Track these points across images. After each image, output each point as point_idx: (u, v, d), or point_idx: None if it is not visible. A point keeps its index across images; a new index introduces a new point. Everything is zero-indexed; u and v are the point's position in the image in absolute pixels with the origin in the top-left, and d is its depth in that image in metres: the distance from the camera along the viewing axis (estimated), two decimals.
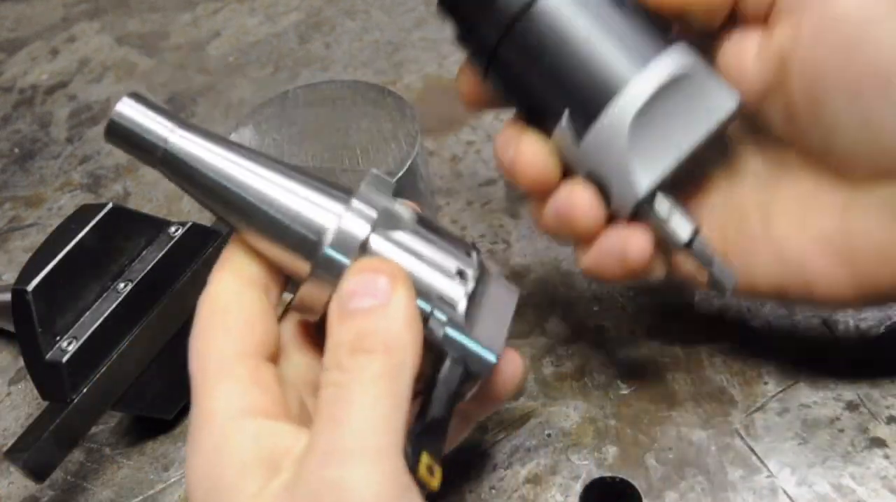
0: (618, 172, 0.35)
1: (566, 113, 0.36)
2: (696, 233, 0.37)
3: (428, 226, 0.34)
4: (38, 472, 0.39)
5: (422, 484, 0.30)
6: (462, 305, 0.33)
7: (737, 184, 0.39)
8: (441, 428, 0.31)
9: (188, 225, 0.44)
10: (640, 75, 0.35)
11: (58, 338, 0.40)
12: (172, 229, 0.44)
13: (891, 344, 0.44)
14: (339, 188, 0.34)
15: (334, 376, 0.30)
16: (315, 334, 0.36)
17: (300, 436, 0.30)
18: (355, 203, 0.33)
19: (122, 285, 0.42)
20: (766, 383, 0.44)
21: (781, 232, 0.38)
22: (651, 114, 0.35)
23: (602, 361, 0.46)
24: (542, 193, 0.38)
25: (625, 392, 0.45)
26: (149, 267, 0.43)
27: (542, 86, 0.36)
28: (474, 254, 0.34)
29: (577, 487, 0.41)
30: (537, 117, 0.37)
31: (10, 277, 0.58)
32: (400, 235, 0.33)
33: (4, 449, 0.43)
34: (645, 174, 0.35)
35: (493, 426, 0.44)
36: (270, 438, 0.30)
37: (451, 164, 0.61)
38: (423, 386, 0.32)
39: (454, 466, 0.43)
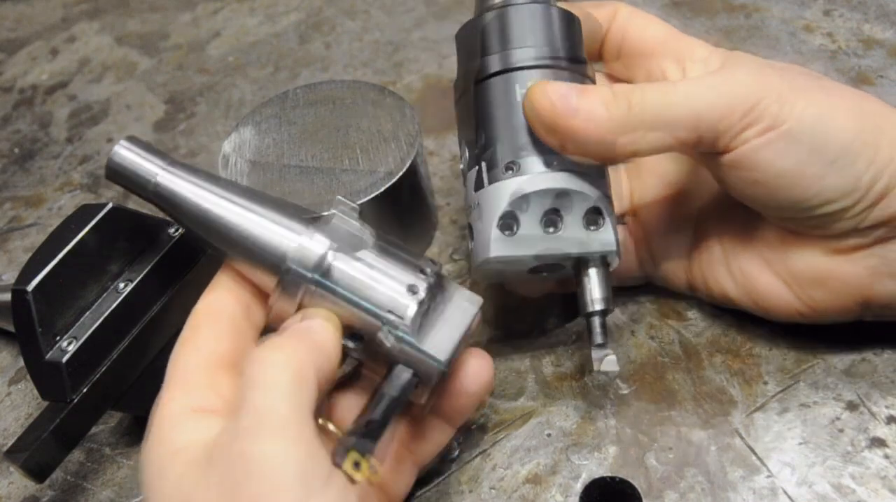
0: (478, 229, 0.41)
1: (483, 166, 0.41)
2: (598, 314, 0.41)
3: (387, 246, 0.38)
4: (38, 472, 0.39)
5: (346, 476, 0.33)
6: (409, 316, 0.36)
7: (702, 216, 0.46)
8: (377, 428, 0.35)
9: None
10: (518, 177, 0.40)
11: (58, 338, 0.40)
12: (172, 229, 0.44)
13: (891, 343, 0.44)
14: (307, 214, 0.38)
15: (246, 367, 0.33)
16: None
17: None
18: (316, 226, 0.37)
19: (122, 285, 0.42)
20: (766, 383, 0.44)
21: (734, 252, 0.44)
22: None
23: None
24: None
25: (625, 392, 0.45)
26: (149, 267, 0.43)
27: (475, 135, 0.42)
28: (429, 270, 0.38)
29: (577, 487, 0.41)
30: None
31: (10, 277, 0.58)
32: (358, 254, 0.37)
33: (4, 449, 0.43)
34: (482, 251, 0.40)
35: (493, 426, 0.44)
36: (207, 428, 0.33)
37: (451, 164, 0.61)
38: (372, 392, 0.36)
39: (454, 466, 0.43)
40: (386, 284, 0.37)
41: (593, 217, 0.40)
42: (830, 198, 0.38)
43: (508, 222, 0.40)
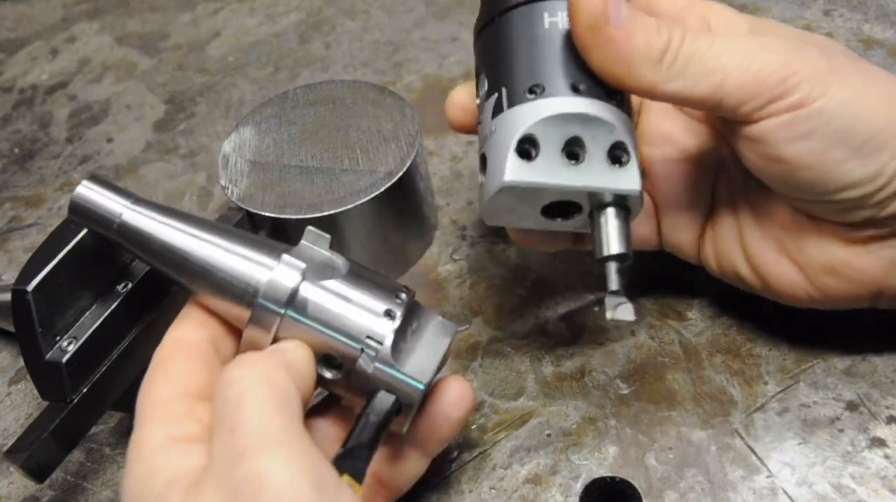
0: (493, 157, 0.38)
1: (503, 91, 0.39)
2: (614, 258, 0.39)
3: (360, 273, 0.38)
4: (38, 472, 0.39)
5: None
6: (388, 341, 0.36)
7: (719, 190, 0.45)
8: (364, 451, 0.34)
9: None
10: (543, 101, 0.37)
11: (58, 338, 0.40)
12: None
13: (891, 343, 0.44)
14: (276, 245, 0.38)
15: (220, 390, 0.33)
16: None
17: None
18: (286, 257, 0.37)
19: (122, 285, 0.42)
20: (766, 383, 0.44)
21: (748, 231, 0.43)
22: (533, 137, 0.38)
23: (602, 361, 0.46)
24: (459, 128, 0.45)
25: (625, 392, 0.45)
26: (149, 267, 0.43)
27: (498, 64, 0.40)
28: (404, 296, 0.38)
29: (577, 487, 0.41)
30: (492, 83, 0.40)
31: (10, 277, 0.58)
32: (331, 283, 0.37)
33: (4, 449, 0.43)
34: (496, 178, 0.38)
35: (493, 426, 0.44)
36: (196, 456, 0.32)
37: (451, 164, 0.61)
38: (356, 418, 0.36)
39: (454, 466, 0.43)
40: (362, 311, 0.37)
41: (617, 154, 0.38)
42: (851, 183, 0.37)
43: (527, 148, 0.37)
